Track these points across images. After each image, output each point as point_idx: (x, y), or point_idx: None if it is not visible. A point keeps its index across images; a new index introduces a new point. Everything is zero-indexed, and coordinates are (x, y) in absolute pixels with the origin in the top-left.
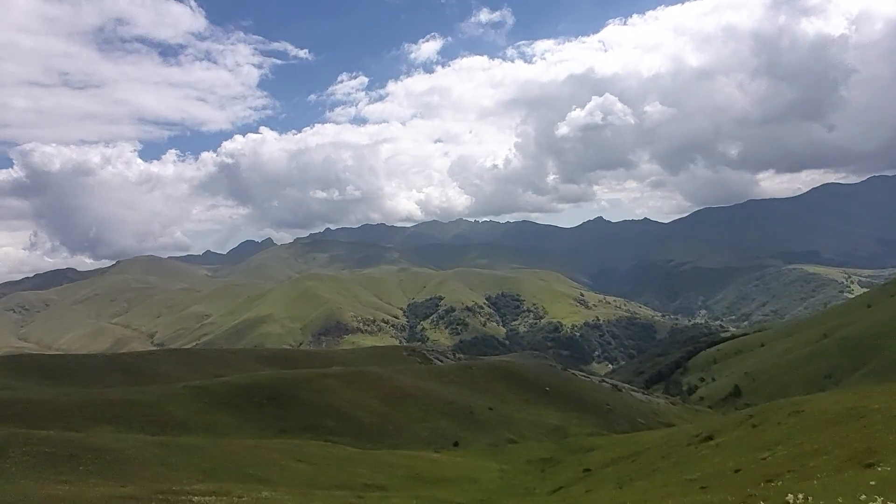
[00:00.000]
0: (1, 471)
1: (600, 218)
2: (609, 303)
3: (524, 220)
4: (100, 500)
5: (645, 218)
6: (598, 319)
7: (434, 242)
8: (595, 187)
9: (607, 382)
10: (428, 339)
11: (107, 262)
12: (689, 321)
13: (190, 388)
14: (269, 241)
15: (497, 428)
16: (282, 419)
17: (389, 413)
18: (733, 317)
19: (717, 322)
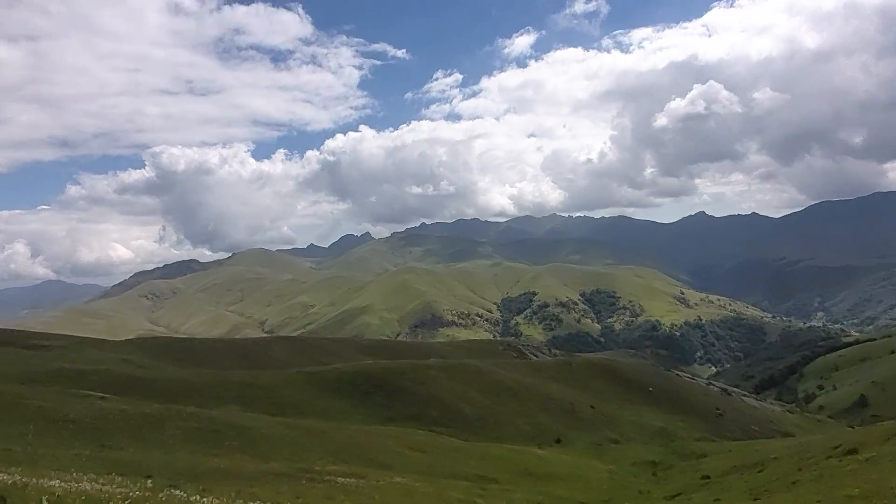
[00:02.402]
0: (161, 442)
1: (702, 213)
2: (712, 302)
3: (620, 215)
4: (254, 474)
5: (752, 212)
6: (700, 319)
7: (527, 237)
8: (697, 181)
9: (715, 385)
10: (521, 334)
11: (223, 254)
12: (804, 323)
13: (302, 373)
14: (367, 236)
15: (599, 427)
16: (388, 407)
17: (490, 406)
18: (856, 320)
19: (838, 325)
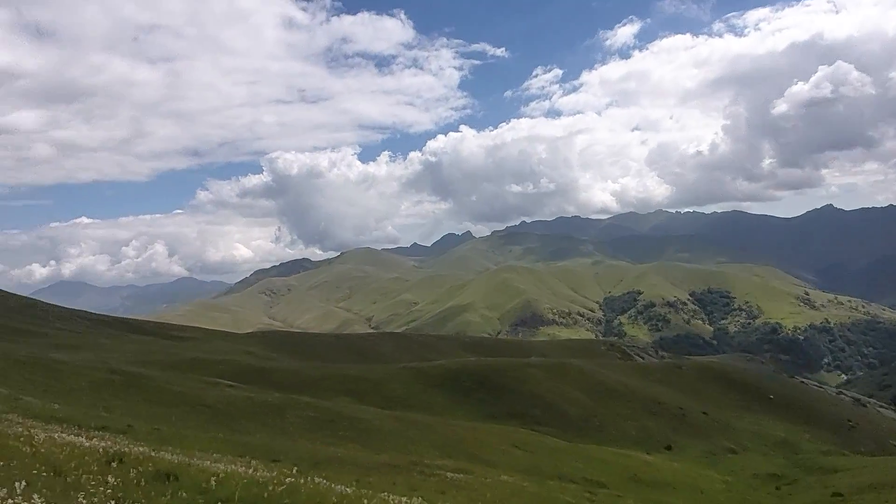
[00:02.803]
0: (283, 429)
1: (830, 206)
2: (842, 303)
3: (734, 210)
4: (369, 464)
5: (889, 204)
6: (828, 322)
7: (631, 234)
8: (823, 171)
9: (846, 395)
10: (625, 334)
11: (332, 253)
12: None
13: (408, 368)
14: (468, 234)
15: (713, 434)
16: (490, 404)
17: (594, 407)
18: None
19: None
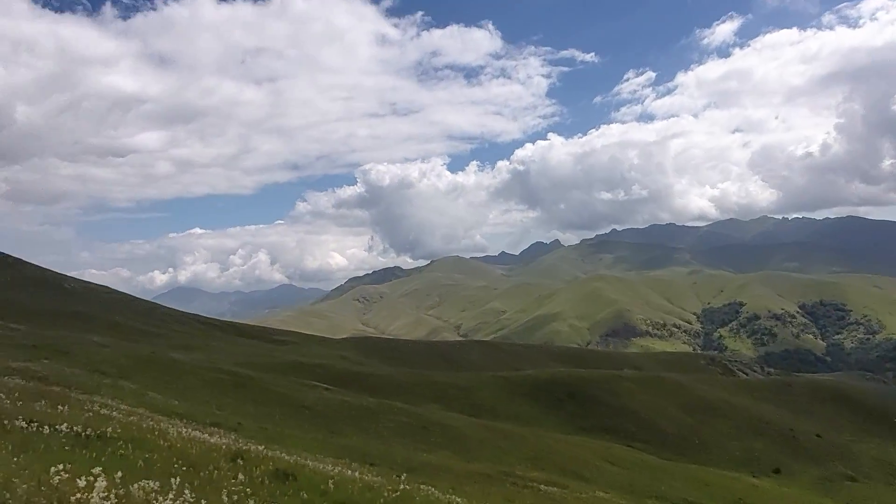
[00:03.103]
0: (377, 433)
1: None
2: None
3: (849, 216)
4: (462, 472)
5: None
6: None
7: (731, 243)
8: None
9: None
10: (726, 348)
11: (423, 262)
12: None
13: (497, 377)
14: (556, 243)
15: (828, 459)
16: (581, 417)
17: (694, 425)
18: None
19: None
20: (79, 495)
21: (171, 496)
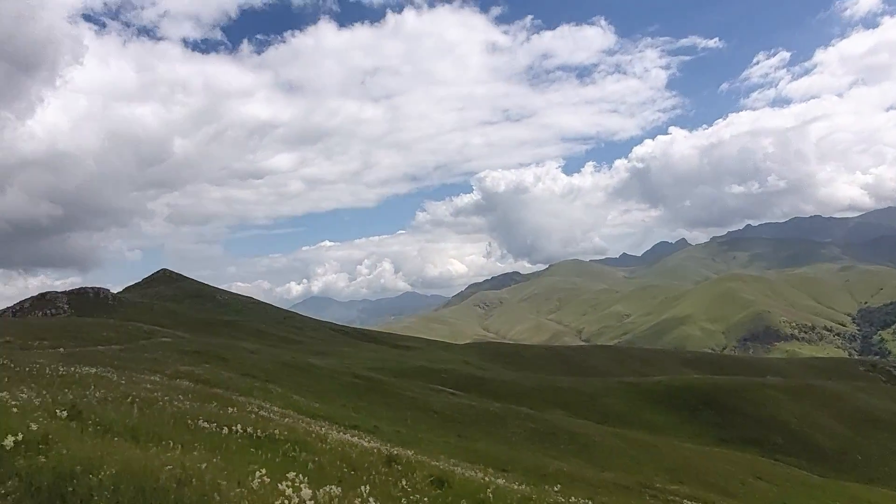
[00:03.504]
0: (505, 438)
1: None
2: None
3: None
4: (596, 481)
5: None
6: None
7: (890, 234)
8: None
9: None
10: (890, 352)
11: (541, 266)
12: None
13: (624, 383)
14: (682, 242)
15: None
16: (720, 427)
17: (854, 438)
18: None
19: None
20: (285, 501)
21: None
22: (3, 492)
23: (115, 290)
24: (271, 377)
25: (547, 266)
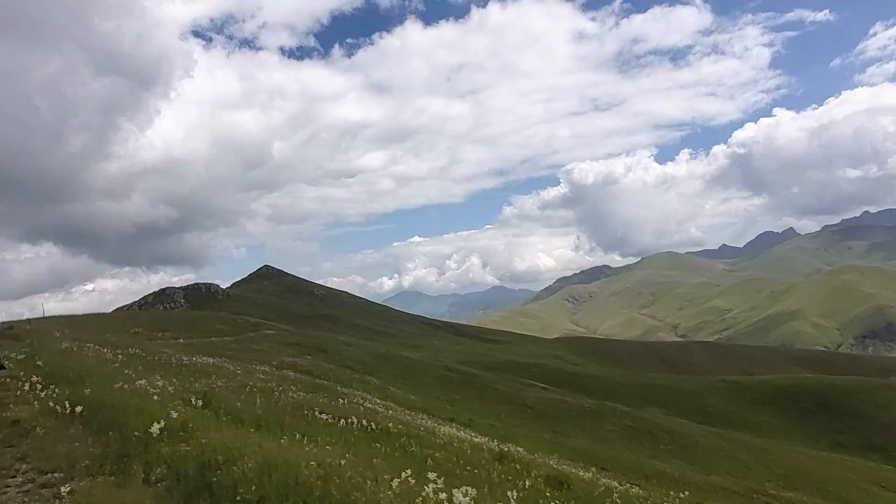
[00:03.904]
0: (602, 436)
1: None
2: None
3: None
4: (703, 485)
5: None
6: None
7: None
8: None
9: None
10: None
11: (632, 259)
12: None
13: (726, 381)
14: (790, 231)
15: None
16: (836, 431)
17: None
18: None
19: None
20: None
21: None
22: (153, 478)
23: (224, 285)
24: (368, 369)
25: (639, 259)
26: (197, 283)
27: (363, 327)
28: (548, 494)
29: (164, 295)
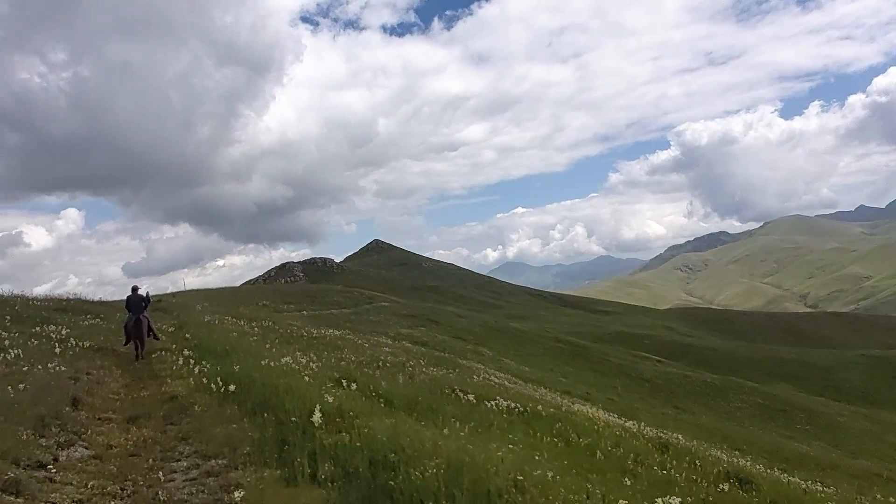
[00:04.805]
0: (728, 413)
1: None
2: None
3: None
4: (850, 469)
5: None
6: None
7: None
8: None
9: None
10: None
11: (753, 224)
12: None
13: (868, 357)
14: None
15: None
16: None
17: None
18: None
19: None
20: None
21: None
22: (321, 475)
23: (337, 259)
24: (480, 340)
25: (761, 224)
26: (313, 258)
27: (469, 298)
28: (735, 496)
29: (284, 269)
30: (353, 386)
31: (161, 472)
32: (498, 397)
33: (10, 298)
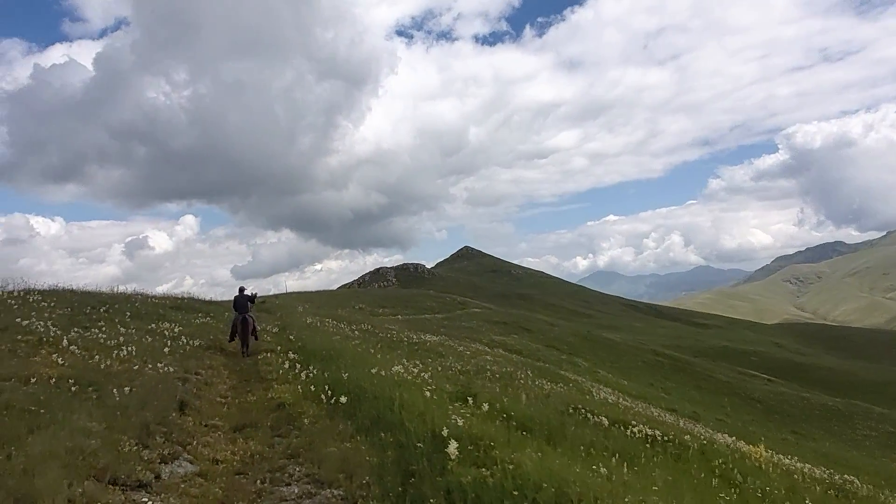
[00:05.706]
0: (854, 441)
1: None
2: None
3: None
4: None
5: None
6: None
7: None
8: None
9: None
10: None
11: (874, 234)
12: None
13: None
14: None
15: None
16: None
17: None
18: None
19: None
20: None
21: None
22: None
23: (429, 265)
24: (574, 350)
25: (884, 234)
26: (406, 264)
27: (560, 307)
28: None
29: (378, 274)
30: (486, 406)
31: (270, 502)
32: (634, 421)
33: (132, 296)
